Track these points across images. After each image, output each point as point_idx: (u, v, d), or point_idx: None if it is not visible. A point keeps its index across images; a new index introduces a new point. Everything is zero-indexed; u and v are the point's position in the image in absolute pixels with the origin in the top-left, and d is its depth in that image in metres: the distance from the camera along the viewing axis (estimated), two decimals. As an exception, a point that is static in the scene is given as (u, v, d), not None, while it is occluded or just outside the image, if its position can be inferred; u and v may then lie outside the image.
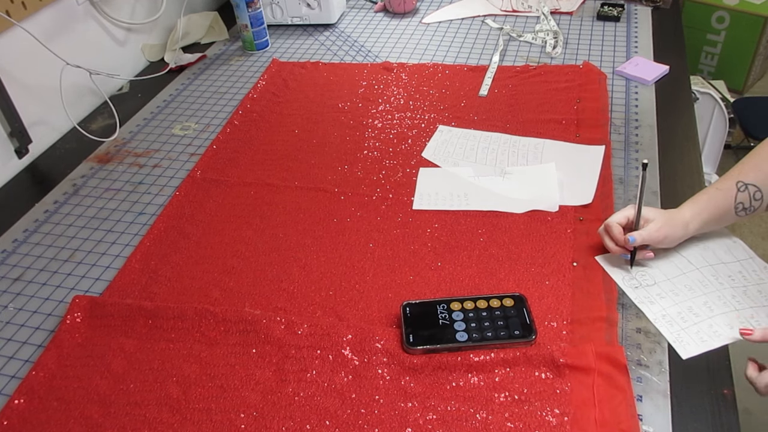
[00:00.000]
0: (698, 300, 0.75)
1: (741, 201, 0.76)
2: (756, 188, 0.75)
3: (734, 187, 0.76)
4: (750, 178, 0.76)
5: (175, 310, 0.77)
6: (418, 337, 0.71)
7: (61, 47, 1.12)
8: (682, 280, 0.77)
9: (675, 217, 0.78)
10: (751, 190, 0.75)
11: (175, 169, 1.07)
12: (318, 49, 1.41)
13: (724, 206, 0.77)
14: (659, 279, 0.78)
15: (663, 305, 0.75)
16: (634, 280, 0.78)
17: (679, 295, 0.76)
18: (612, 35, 1.33)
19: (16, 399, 0.70)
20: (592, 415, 0.63)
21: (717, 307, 0.73)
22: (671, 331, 0.72)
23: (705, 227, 0.79)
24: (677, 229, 0.77)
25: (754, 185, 0.75)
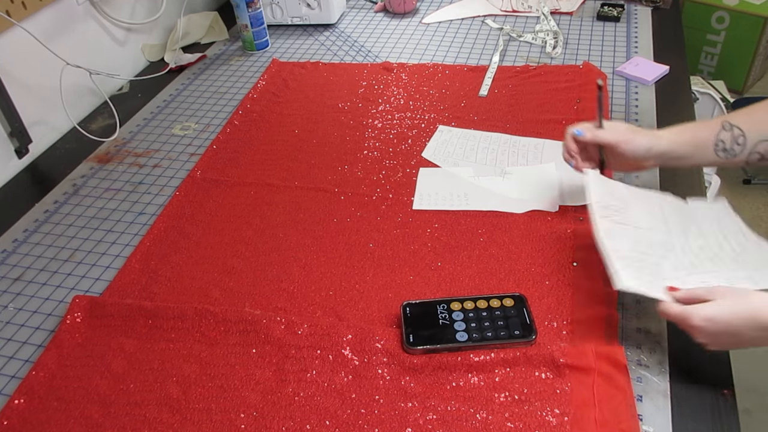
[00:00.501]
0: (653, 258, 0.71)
1: (722, 139, 0.74)
2: (741, 132, 0.73)
3: (719, 124, 0.74)
4: (737, 120, 0.74)
5: (175, 310, 0.77)
6: (418, 337, 0.71)
7: (61, 47, 1.12)
8: (648, 235, 0.73)
9: (644, 129, 0.75)
10: (736, 132, 0.73)
11: (175, 169, 1.07)
12: (318, 49, 1.41)
13: (703, 137, 0.74)
14: (630, 222, 0.74)
15: (623, 244, 0.71)
16: (607, 210, 0.74)
17: (641, 243, 0.72)
18: (612, 35, 1.33)
19: (16, 399, 0.70)
20: (592, 415, 0.63)
21: (672, 269, 0.70)
22: (616, 263, 0.67)
23: (678, 150, 0.75)
24: (642, 137, 0.74)
25: (740, 128, 0.73)
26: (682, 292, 0.65)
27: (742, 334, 0.59)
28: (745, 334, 0.59)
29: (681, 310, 0.62)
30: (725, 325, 0.59)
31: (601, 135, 0.75)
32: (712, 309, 0.60)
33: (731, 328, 0.59)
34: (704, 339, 0.61)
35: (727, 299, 0.60)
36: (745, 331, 0.59)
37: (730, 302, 0.60)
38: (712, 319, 0.60)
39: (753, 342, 0.60)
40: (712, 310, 0.60)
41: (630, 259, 0.69)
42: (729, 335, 0.60)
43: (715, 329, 0.60)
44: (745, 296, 0.60)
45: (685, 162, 0.77)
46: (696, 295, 0.63)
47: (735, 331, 0.59)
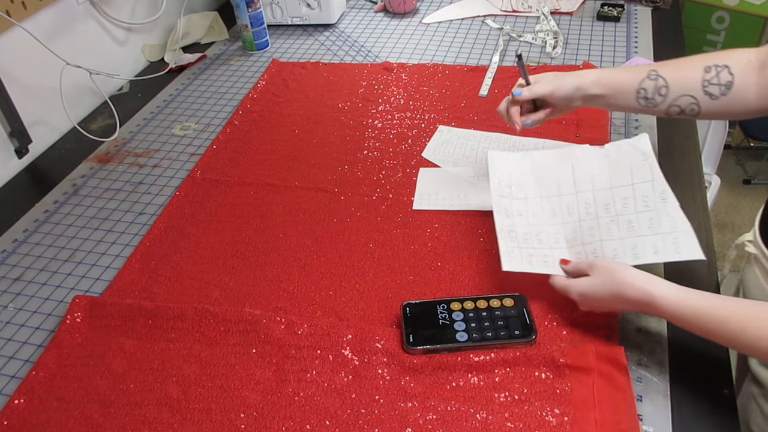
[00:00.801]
0: (552, 228, 0.76)
1: (645, 87, 0.76)
2: (664, 83, 0.75)
3: (645, 72, 0.76)
4: (664, 71, 0.76)
5: (175, 310, 0.77)
6: (418, 337, 0.71)
7: (61, 47, 1.12)
8: (552, 203, 0.77)
9: (568, 72, 0.81)
10: (660, 82, 0.75)
11: (175, 169, 1.07)
12: (318, 49, 1.41)
13: (627, 81, 0.77)
14: (531, 195, 0.78)
15: (516, 222, 0.76)
16: (507, 188, 0.78)
17: (538, 217, 0.77)
18: (612, 35, 1.33)
19: (16, 399, 0.70)
20: (592, 415, 0.63)
21: (564, 241, 0.75)
22: (507, 244, 0.74)
23: (600, 91, 0.79)
24: (569, 80, 0.79)
25: (664, 79, 0.75)
26: (570, 265, 0.72)
27: (612, 305, 0.68)
28: (614, 305, 0.67)
29: (563, 284, 0.71)
30: (597, 299, 0.67)
31: (536, 89, 0.81)
32: (586, 284, 0.68)
33: (602, 302, 0.67)
34: (583, 308, 0.70)
35: (600, 276, 0.67)
36: (613, 304, 0.67)
37: (601, 279, 0.67)
38: (585, 293, 0.68)
39: (624, 310, 0.70)
40: (586, 284, 0.68)
41: (519, 239, 0.75)
42: (601, 306, 0.69)
43: (589, 301, 0.69)
44: (615, 273, 0.66)
45: (609, 103, 0.81)
46: (579, 269, 0.71)
47: (605, 303, 0.67)
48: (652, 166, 0.75)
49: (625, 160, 0.77)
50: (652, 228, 0.71)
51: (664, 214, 0.71)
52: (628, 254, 0.70)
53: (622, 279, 0.65)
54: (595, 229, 0.74)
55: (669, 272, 0.79)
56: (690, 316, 0.61)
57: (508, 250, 0.74)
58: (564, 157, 0.81)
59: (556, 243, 0.75)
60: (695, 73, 0.74)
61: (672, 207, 0.71)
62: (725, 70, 0.72)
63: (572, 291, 0.69)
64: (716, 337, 0.60)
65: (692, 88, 0.74)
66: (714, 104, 0.74)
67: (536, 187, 0.79)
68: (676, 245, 0.68)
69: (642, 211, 0.73)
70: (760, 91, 0.72)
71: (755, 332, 0.56)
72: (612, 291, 0.65)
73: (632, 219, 0.72)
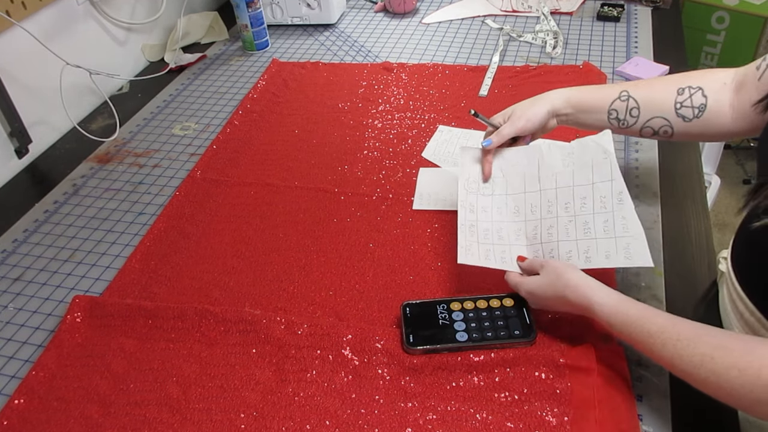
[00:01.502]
0: (514, 226, 0.77)
1: (616, 108, 0.75)
2: (636, 105, 0.74)
3: (617, 93, 0.76)
4: (636, 92, 0.75)
5: (175, 310, 0.77)
6: (418, 337, 0.71)
7: (61, 47, 1.12)
8: (517, 200, 0.78)
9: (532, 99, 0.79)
10: (630, 103, 0.74)
11: (175, 169, 1.07)
12: (318, 49, 1.41)
13: (598, 101, 0.76)
14: (498, 192, 0.80)
15: (479, 217, 0.77)
16: (476, 184, 0.80)
17: (502, 214, 0.78)
18: (612, 35, 1.33)
19: (16, 399, 0.70)
20: (592, 415, 0.63)
21: (525, 239, 0.76)
22: (466, 238, 0.75)
23: (570, 111, 0.78)
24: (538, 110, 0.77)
25: (635, 101, 0.74)
26: (525, 262, 0.73)
27: (555, 306, 0.69)
28: (558, 306, 0.68)
29: (515, 281, 0.72)
30: (543, 298, 0.69)
31: (506, 132, 0.79)
32: (535, 283, 0.69)
33: (548, 301, 0.69)
34: (531, 305, 0.72)
35: (548, 276, 0.68)
36: (557, 305, 0.68)
37: (549, 279, 0.68)
38: (533, 292, 0.69)
39: (567, 311, 0.69)
40: (535, 284, 0.69)
41: (479, 234, 0.77)
42: (547, 305, 0.70)
43: (537, 300, 0.70)
44: (562, 275, 0.67)
45: (579, 122, 0.80)
46: (532, 267, 0.72)
47: (551, 303, 0.69)
48: (612, 164, 0.74)
49: (588, 157, 0.76)
50: (607, 231, 0.71)
51: (619, 217, 0.71)
52: (581, 257, 0.71)
53: (566, 281, 0.66)
54: (553, 228, 0.75)
55: (669, 272, 0.79)
56: (620, 325, 0.61)
57: (467, 244, 0.75)
58: (531, 154, 0.81)
59: (516, 240, 0.77)
60: (668, 94, 0.74)
61: (627, 209, 0.71)
62: (698, 92, 0.72)
63: (522, 288, 0.71)
64: (643, 350, 0.60)
65: (664, 110, 0.74)
66: (688, 126, 0.74)
67: (503, 183, 0.81)
68: (627, 251, 0.69)
69: (599, 212, 0.73)
70: (736, 113, 0.71)
71: (674, 350, 0.56)
72: (557, 292, 0.67)
73: (588, 220, 0.73)
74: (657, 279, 0.78)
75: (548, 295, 0.68)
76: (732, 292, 0.70)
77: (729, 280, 0.71)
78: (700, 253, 0.82)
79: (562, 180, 0.77)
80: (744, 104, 0.70)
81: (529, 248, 0.76)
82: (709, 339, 0.55)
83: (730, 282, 0.70)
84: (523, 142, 0.83)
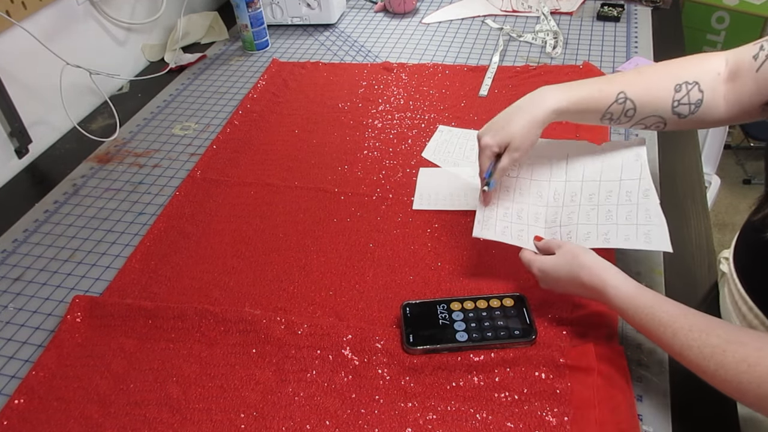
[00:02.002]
0: (534, 209, 0.78)
1: (612, 111, 0.74)
2: (632, 106, 0.73)
3: (614, 96, 0.73)
4: (633, 93, 0.73)
5: (175, 310, 0.77)
6: (418, 337, 0.71)
7: (61, 47, 1.12)
8: (541, 186, 0.79)
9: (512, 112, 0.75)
10: (628, 105, 0.73)
11: (175, 169, 1.07)
12: (318, 49, 1.41)
13: (595, 107, 0.74)
14: (523, 174, 0.80)
15: (500, 196, 0.79)
16: None
17: (524, 196, 0.79)
18: (612, 35, 1.33)
19: (16, 399, 0.70)
20: (592, 415, 0.63)
21: (543, 221, 0.77)
22: (484, 213, 0.77)
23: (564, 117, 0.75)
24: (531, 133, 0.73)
25: (633, 102, 0.73)
26: (542, 242, 0.73)
27: (567, 287, 0.68)
28: (570, 287, 0.68)
29: (528, 258, 0.72)
30: (555, 278, 0.68)
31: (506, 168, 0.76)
32: (550, 262, 0.69)
33: (559, 282, 0.68)
34: (542, 285, 0.71)
35: (563, 256, 0.68)
36: (569, 286, 0.68)
37: (564, 259, 0.68)
38: (545, 270, 0.69)
39: (578, 294, 0.68)
40: (549, 262, 0.69)
41: (499, 211, 0.78)
42: (558, 286, 0.69)
43: (548, 279, 0.70)
44: (578, 256, 0.66)
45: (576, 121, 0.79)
46: (548, 247, 0.71)
47: (562, 284, 0.68)
48: (643, 167, 0.76)
49: (617, 158, 0.79)
50: (629, 219, 0.72)
51: (643, 209, 0.72)
52: (600, 238, 0.72)
53: (582, 262, 0.66)
54: (574, 214, 0.76)
55: (669, 272, 0.79)
56: (632, 313, 0.61)
57: (484, 218, 0.76)
58: (562, 147, 0.82)
59: (535, 222, 0.77)
60: (665, 93, 0.72)
61: (652, 203, 0.72)
62: (695, 88, 0.71)
63: (534, 266, 0.71)
64: (652, 337, 0.60)
65: (661, 109, 0.73)
66: (682, 122, 0.73)
67: (529, 168, 0.81)
68: (648, 236, 0.70)
69: (623, 203, 0.74)
70: (729, 104, 0.71)
71: (685, 340, 0.56)
72: (571, 272, 0.66)
73: (612, 209, 0.74)
74: (657, 279, 0.78)
75: (561, 275, 0.67)
76: (734, 293, 0.70)
77: (731, 281, 0.71)
78: (700, 253, 0.82)
79: (589, 174, 0.78)
80: (738, 95, 0.69)
81: (546, 230, 0.77)
82: (721, 332, 0.55)
83: (732, 283, 0.70)
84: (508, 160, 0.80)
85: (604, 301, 0.65)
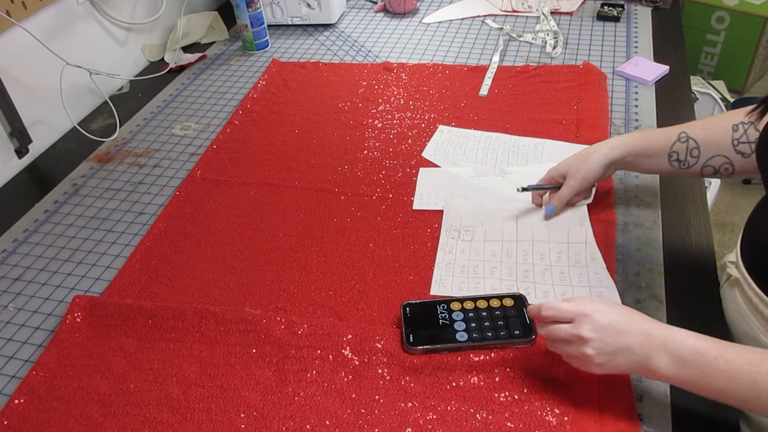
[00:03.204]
0: (489, 264, 0.81)
1: (677, 150, 0.74)
2: (696, 145, 0.73)
3: (675, 135, 0.75)
4: (694, 133, 0.74)
5: (175, 310, 0.77)
6: (418, 337, 0.71)
7: (61, 47, 1.12)
8: (495, 246, 0.83)
9: (584, 153, 0.78)
10: (691, 144, 0.73)
11: (175, 169, 1.07)
12: (318, 49, 1.41)
13: (658, 145, 0.75)
14: (477, 238, 0.85)
15: (456, 257, 0.82)
16: (456, 232, 0.86)
17: (479, 255, 0.82)
18: (612, 35, 1.33)
19: (16, 399, 0.70)
20: (592, 415, 0.63)
21: (498, 274, 0.79)
22: (441, 273, 0.80)
23: (630, 159, 0.76)
24: (593, 163, 0.74)
25: (695, 141, 0.73)
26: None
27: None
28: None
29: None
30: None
31: (565, 194, 0.78)
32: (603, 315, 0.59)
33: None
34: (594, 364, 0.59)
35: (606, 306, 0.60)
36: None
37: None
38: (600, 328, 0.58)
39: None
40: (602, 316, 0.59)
41: (455, 270, 0.81)
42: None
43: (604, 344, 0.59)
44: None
45: (639, 167, 0.80)
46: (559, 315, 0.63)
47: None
48: (587, 231, 0.83)
49: (563, 221, 0.85)
50: (581, 281, 0.77)
51: (593, 271, 0.78)
52: (558, 298, 0.75)
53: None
54: (530, 273, 0.79)
55: (669, 272, 0.79)
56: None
57: (440, 278, 0.80)
58: (510, 210, 0.89)
59: (491, 275, 0.80)
60: (724, 131, 0.72)
61: (600, 266, 0.78)
62: (751, 127, 0.71)
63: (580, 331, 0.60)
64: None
65: (723, 147, 0.73)
66: (747, 162, 0.72)
67: (482, 231, 0.86)
68: (601, 298, 0.74)
69: (573, 266, 0.79)
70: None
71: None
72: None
73: (564, 271, 0.78)
74: (657, 279, 0.78)
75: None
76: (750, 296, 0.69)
77: (745, 284, 0.70)
78: (700, 253, 0.82)
79: (538, 235, 0.83)
80: None
81: (503, 282, 0.79)
82: None
83: (747, 285, 0.70)
84: (581, 197, 0.84)
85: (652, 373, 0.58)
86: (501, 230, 0.86)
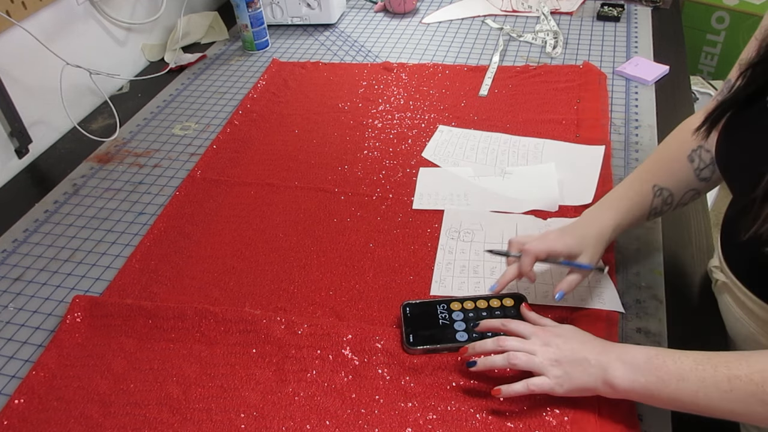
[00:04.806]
0: (489, 264, 0.81)
1: (656, 206, 0.74)
2: (669, 192, 0.73)
3: (651, 192, 0.73)
4: (664, 181, 0.73)
5: (175, 310, 0.77)
6: (418, 337, 0.71)
7: (61, 47, 1.12)
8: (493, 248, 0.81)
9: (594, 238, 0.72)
10: (665, 194, 0.73)
11: (175, 169, 1.07)
12: (318, 49, 1.41)
13: (641, 213, 0.74)
14: (477, 239, 0.85)
15: (456, 257, 0.83)
16: (456, 233, 0.86)
17: (479, 255, 0.83)
18: (612, 35, 1.33)
19: (16, 399, 0.70)
20: (592, 415, 0.63)
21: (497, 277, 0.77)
22: (441, 273, 0.81)
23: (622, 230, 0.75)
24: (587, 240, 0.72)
25: (668, 189, 0.73)
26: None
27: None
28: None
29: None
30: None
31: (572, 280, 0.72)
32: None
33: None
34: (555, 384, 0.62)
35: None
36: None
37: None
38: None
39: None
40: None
41: (455, 270, 0.81)
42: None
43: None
44: None
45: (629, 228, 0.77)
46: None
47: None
48: None
49: None
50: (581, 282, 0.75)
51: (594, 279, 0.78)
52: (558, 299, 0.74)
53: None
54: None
55: (669, 272, 0.79)
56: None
57: (440, 278, 0.80)
58: (512, 219, 0.88)
59: (491, 275, 0.80)
60: (685, 168, 0.72)
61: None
62: (702, 150, 0.71)
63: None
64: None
65: (690, 182, 0.73)
66: (713, 182, 0.73)
67: (482, 234, 0.86)
68: (601, 297, 0.75)
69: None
70: None
71: None
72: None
73: (564, 271, 0.76)
74: (657, 279, 0.78)
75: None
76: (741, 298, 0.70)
77: (734, 286, 0.71)
78: (700, 253, 0.82)
79: None
80: None
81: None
82: None
83: (736, 288, 0.70)
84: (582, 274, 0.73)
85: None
86: (501, 231, 0.86)
